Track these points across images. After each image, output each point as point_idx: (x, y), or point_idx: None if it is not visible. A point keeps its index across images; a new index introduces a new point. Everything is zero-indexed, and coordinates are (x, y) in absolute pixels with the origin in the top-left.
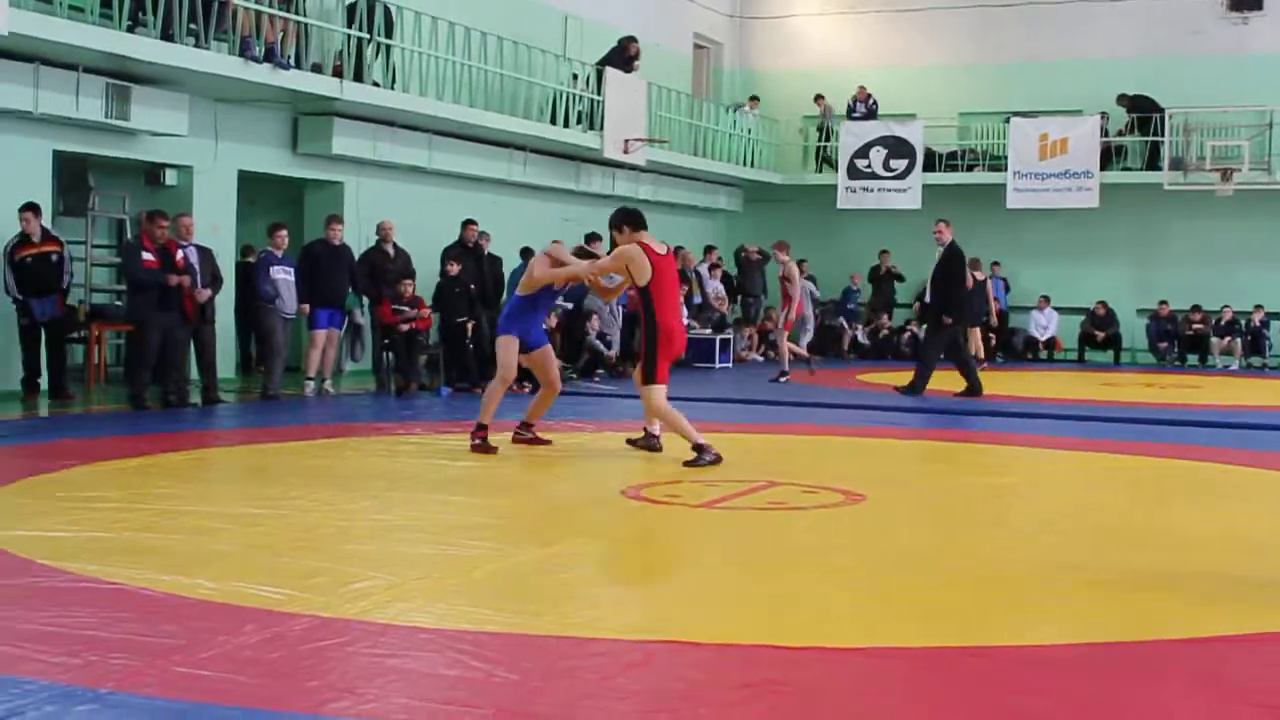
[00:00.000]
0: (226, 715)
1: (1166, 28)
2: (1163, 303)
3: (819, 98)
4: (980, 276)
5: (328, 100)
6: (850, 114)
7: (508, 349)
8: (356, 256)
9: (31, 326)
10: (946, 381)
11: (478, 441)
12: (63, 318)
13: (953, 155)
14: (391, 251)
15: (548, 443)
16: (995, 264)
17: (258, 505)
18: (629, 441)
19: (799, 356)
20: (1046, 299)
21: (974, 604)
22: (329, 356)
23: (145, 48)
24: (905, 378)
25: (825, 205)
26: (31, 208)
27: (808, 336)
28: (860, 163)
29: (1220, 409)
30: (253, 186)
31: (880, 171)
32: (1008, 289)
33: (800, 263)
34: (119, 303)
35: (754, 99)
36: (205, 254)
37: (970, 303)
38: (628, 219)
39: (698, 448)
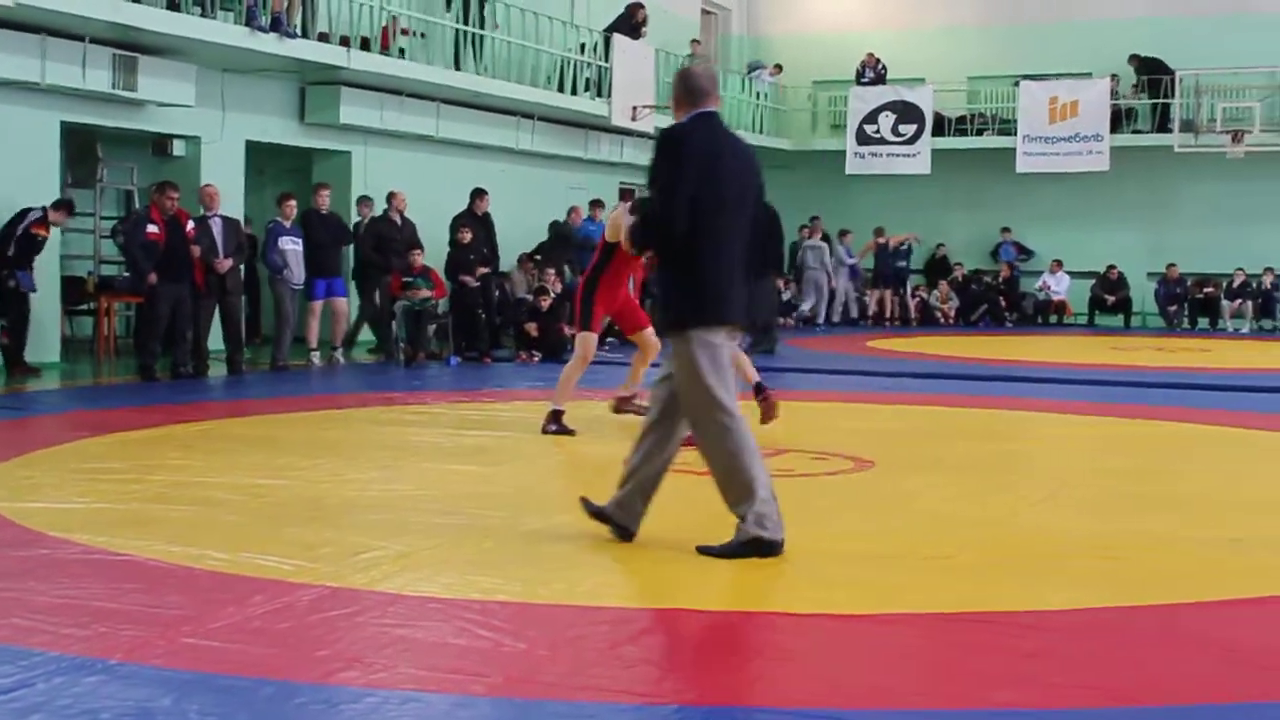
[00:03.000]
0: (235, 685)
1: None
2: (1171, 265)
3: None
4: (883, 240)
5: (335, 69)
6: (859, 79)
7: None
8: (347, 224)
9: (16, 297)
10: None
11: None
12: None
13: (962, 120)
14: (399, 221)
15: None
16: (1005, 230)
17: (266, 476)
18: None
19: None
20: (1059, 263)
21: (983, 569)
22: (338, 327)
23: (151, 18)
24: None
25: (834, 171)
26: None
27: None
28: (869, 128)
29: (1231, 372)
30: (261, 156)
31: (889, 137)
32: (1021, 253)
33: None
34: (127, 274)
35: (778, 66)
36: (231, 224)
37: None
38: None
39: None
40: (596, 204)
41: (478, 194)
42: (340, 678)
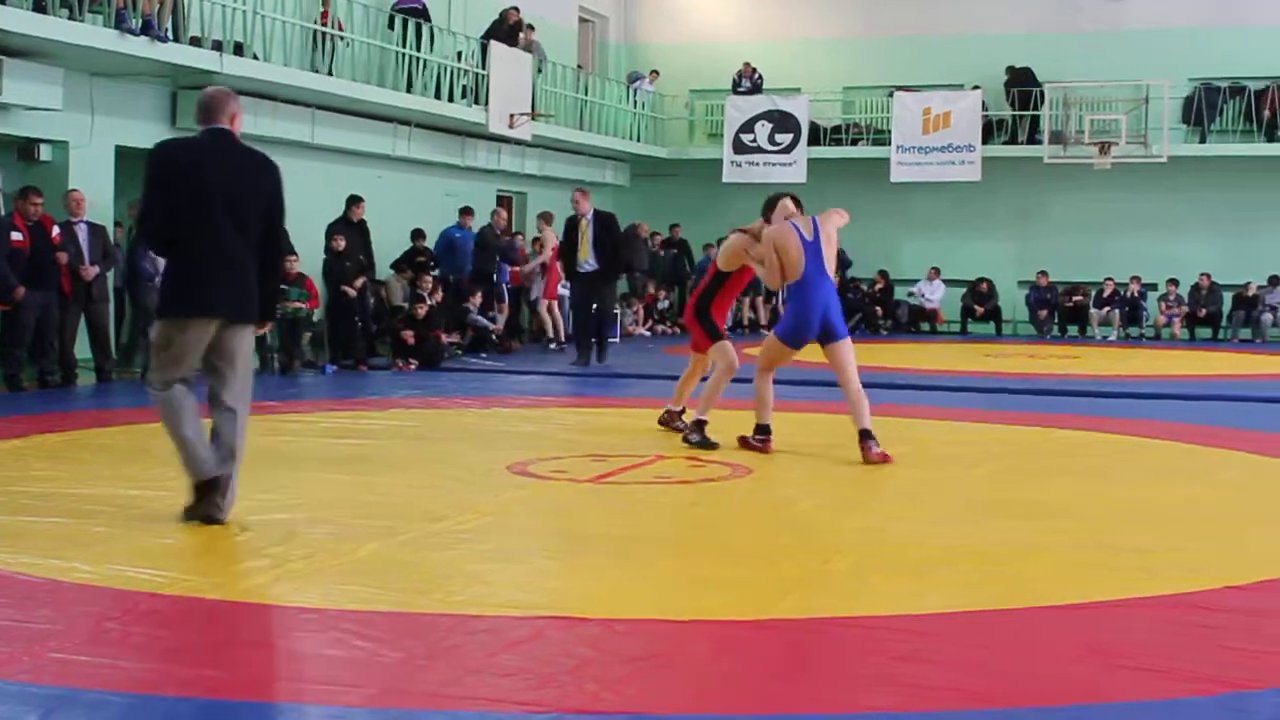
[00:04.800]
0: (105, 701)
1: (1046, 4)
2: (1041, 273)
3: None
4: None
5: (207, 74)
6: (735, 88)
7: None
8: None
9: None
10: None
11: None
12: None
13: (837, 129)
14: None
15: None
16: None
17: (137, 486)
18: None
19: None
20: (936, 270)
21: (855, 574)
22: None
23: (17, 19)
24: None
25: (711, 179)
26: None
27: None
28: (745, 137)
29: (1100, 379)
30: (132, 162)
31: (765, 146)
32: (841, 266)
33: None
34: None
35: (654, 72)
36: (97, 231)
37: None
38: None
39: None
40: (466, 211)
41: (353, 201)
42: (214, 691)
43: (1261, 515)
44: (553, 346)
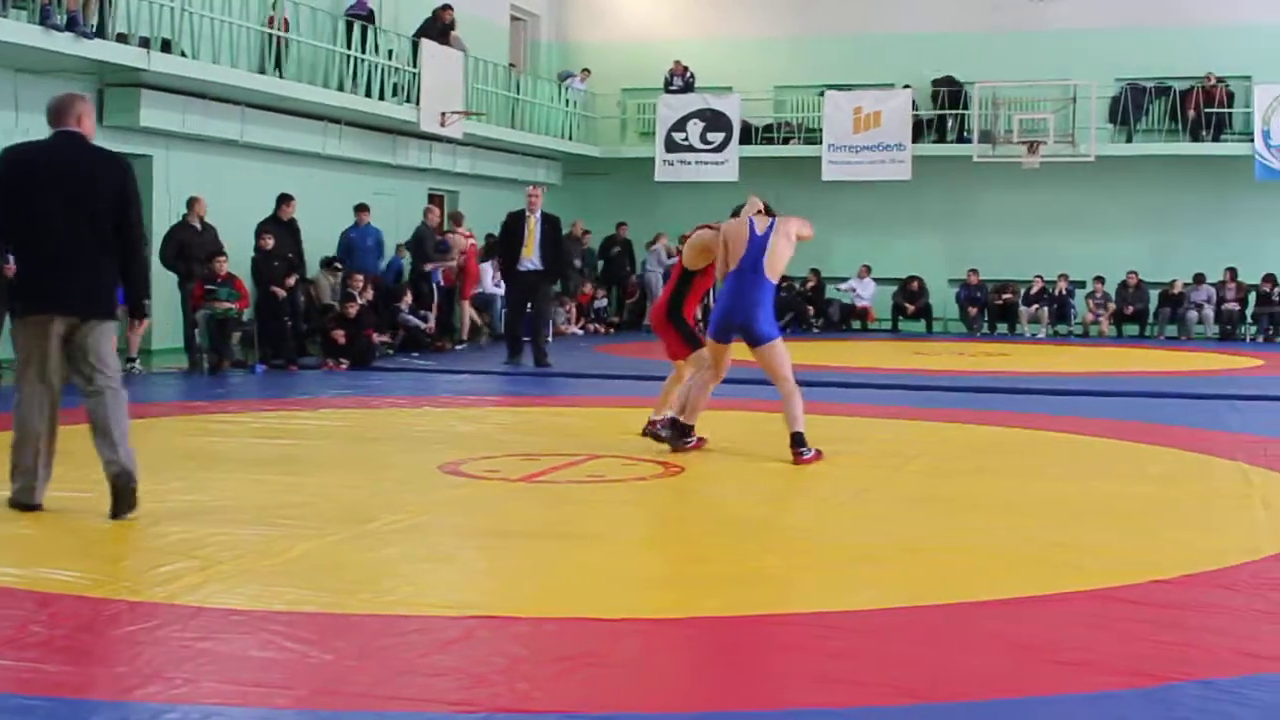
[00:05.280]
0: (30, 706)
1: (975, 5)
2: (972, 271)
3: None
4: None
5: (135, 71)
6: (667, 87)
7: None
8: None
9: None
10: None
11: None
12: None
13: (769, 128)
14: (199, 227)
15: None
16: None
17: (62, 488)
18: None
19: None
20: (868, 268)
21: (788, 572)
22: (134, 336)
23: None
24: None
25: (644, 178)
26: None
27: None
28: (678, 135)
29: (1029, 375)
30: None
31: (697, 144)
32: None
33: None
34: None
35: (585, 70)
36: None
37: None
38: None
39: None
40: (362, 209)
41: (283, 200)
42: (140, 694)
43: (1186, 510)
44: (459, 346)
